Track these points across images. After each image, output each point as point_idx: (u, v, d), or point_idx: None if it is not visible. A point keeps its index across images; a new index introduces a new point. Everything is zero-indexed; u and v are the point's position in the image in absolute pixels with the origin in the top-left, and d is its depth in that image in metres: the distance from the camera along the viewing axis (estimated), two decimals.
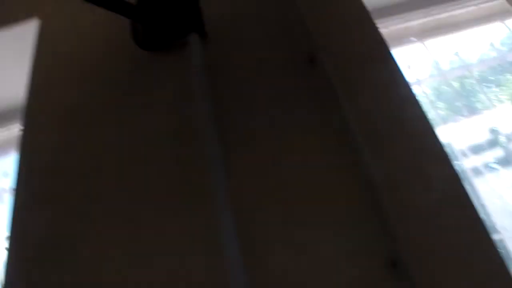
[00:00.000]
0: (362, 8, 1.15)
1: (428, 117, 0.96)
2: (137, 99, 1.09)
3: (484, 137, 2.02)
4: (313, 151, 0.94)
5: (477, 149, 1.96)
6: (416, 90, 2.03)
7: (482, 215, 0.87)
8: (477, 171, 1.88)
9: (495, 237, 1.61)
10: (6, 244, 0.95)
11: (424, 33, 2.13)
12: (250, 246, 0.82)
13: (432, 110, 2.09)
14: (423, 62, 2.19)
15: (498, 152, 2.00)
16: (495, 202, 1.74)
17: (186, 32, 1.11)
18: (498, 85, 2.24)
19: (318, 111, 1.00)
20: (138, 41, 1.14)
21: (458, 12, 2.10)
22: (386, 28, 2.02)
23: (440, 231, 0.82)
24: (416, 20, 2.09)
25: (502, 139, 2.02)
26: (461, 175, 0.99)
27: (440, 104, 2.23)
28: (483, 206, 1.72)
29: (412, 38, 2.15)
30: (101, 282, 0.85)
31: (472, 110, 2.15)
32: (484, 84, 2.21)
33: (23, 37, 1.31)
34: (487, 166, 1.92)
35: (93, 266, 0.86)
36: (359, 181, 0.88)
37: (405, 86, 1.01)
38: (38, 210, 0.98)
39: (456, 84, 2.25)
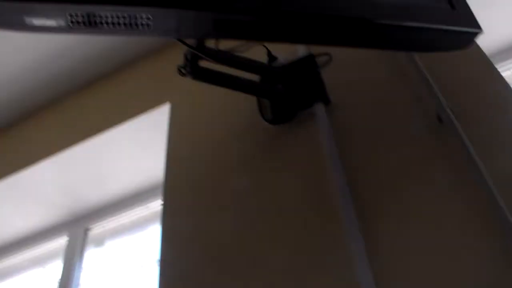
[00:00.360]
0: (488, 62, 1.14)
1: None
2: (267, 169, 1.13)
3: None
4: (447, 215, 0.90)
5: None
6: None
7: None
8: None
9: None
10: None
11: None
12: None
13: None
14: None
15: None
16: None
17: (311, 102, 1.15)
18: None
19: (451, 172, 0.96)
20: (266, 116, 1.19)
21: None
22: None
23: None
24: None
25: None
26: None
27: None
28: None
29: None
30: None
31: None
32: None
33: (158, 121, 1.44)
34: None
35: None
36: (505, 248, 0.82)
37: None
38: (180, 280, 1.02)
39: None
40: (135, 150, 1.69)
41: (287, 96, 1.17)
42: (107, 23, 0.68)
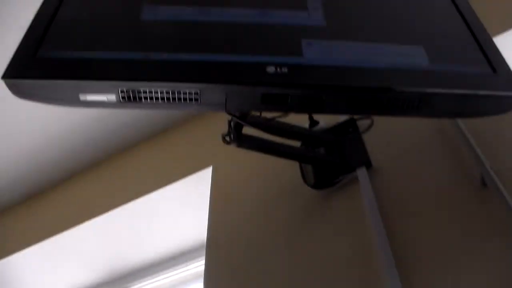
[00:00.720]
0: None
1: None
2: (309, 235, 1.12)
3: None
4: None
5: None
6: None
7: None
8: None
9: None
10: None
11: None
12: None
13: None
14: None
15: None
16: None
17: (353, 166, 1.15)
18: None
19: (496, 237, 0.93)
20: (308, 181, 1.18)
21: None
22: None
23: None
24: None
25: None
26: None
27: None
28: None
29: None
30: None
31: None
32: None
33: (200, 184, 1.46)
34: None
35: None
36: None
37: None
38: None
39: None
40: (175, 211, 1.71)
41: (329, 161, 1.17)
42: (157, 98, 0.70)
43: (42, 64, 0.71)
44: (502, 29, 1.33)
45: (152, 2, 0.83)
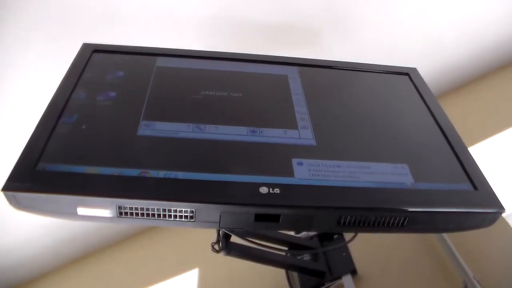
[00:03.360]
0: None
1: None
2: None
3: None
4: None
5: None
6: None
7: None
8: None
9: None
10: None
11: None
12: None
13: None
14: None
15: None
16: None
17: (339, 273, 1.16)
18: None
19: None
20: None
21: None
22: None
23: None
24: None
25: None
26: None
27: None
28: None
29: None
30: None
31: None
32: None
33: (187, 285, 1.44)
34: None
35: None
36: None
37: None
38: None
39: None
40: None
41: (315, 268, 1.17)
42: (153, 214, 0.72)
43: (41, 177, 0.72)
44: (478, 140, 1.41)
45: (148, 117, 0.87)
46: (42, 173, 0.73)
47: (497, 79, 1.72)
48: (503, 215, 1.08)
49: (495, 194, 0.85)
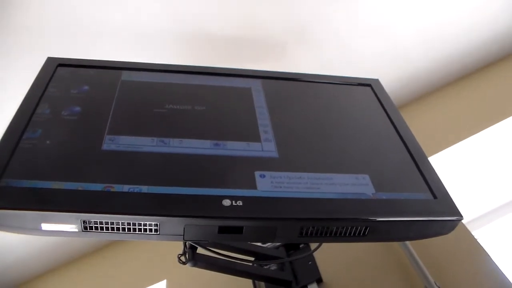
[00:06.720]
0: (471, 238, 1.19)
1: None
2: None
3: None
4: None
5: None
6: None
7: None
8: None
9: None
10: None
11: None
12: None
13: None
14: None
15: None
16: None
17: (305, 282, 1.19)
18: None
19: None
20: None
21: None
22: None
23: None
24: None
25: None
26: None
27: None
28: None
29: None
30: None
31: None
32: None
33: None
34: None
35: None
36: None
37: None
38: None
39: None
40: None
41: (282, 278, 1.19)
42: (118, 228, 0.73)
43: (5, 193, 0.72)
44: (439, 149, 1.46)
45: (113, 132, 0.88)
46: (5, 188, 0.73)
47: (457, 89, 1.78)
48: (463, 221, 1.13)
49: (454, 203, 0.88)
